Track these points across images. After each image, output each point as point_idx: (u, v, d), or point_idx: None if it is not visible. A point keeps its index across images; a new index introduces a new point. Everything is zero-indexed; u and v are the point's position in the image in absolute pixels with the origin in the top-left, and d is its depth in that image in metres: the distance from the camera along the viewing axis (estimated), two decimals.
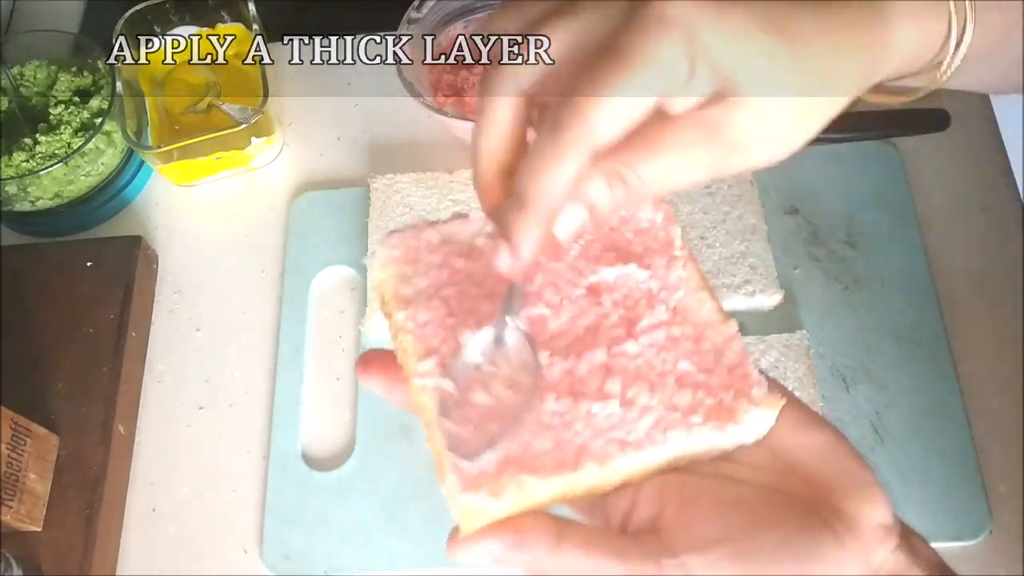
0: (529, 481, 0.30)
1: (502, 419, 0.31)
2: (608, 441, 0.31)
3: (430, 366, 0.32)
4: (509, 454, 0.30)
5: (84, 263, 0.70)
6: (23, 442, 0.59)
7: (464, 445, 0.30)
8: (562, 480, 0.30)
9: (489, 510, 0.30)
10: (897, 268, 0.65)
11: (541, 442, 0.31)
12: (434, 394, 0.31)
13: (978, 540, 0.57)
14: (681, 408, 0.31)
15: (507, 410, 0.31)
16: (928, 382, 0.61)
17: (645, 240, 0.36)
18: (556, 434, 0.31)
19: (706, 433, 0.31)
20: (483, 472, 0.30)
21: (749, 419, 0.31)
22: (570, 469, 0.30)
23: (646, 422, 0.31)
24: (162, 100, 0.78)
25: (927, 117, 0.71)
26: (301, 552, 0.61)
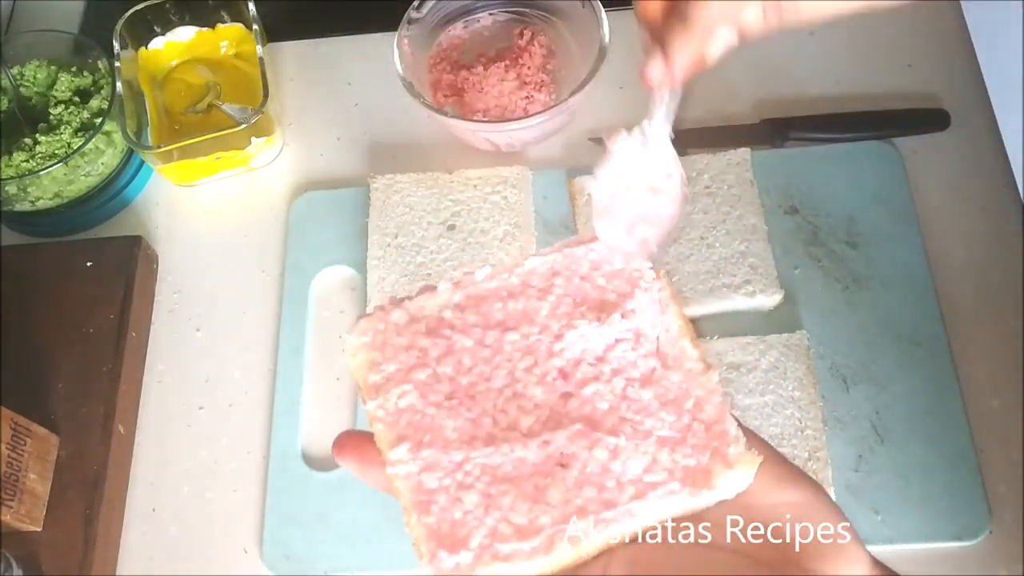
0: (503, 569, 0.30)
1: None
2: (583, 519, 0.31)
3: (402, 453, 0.32)
4: (483, 542, 0.30)
5: (84, 263, 0.70)
6: (23, 442, 0.59)
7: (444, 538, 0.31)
8: (535, 563, 0.30)
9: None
10: (897, 268, 0.65)
11: (518, 520, 0.31)
12: (406, 481, 0.32)
13: (978, 540, 0.57)
14: (659, 474, 0.31)
15: (652, 213, 0.33)
16: (928, 382, 0.61)
17: (620, 285, 0.34)
18: (532, 511, 0.31)
19: (682, 499, 0.31)
20: (459, 564, 0.30)
21: (724, 482, 0.31)
22: (543, 553, 0.30)
23: (624, 492, 0.31)
24: (162, 100, 0.78)
25: (927, 117, 0.71)
26: (301, 552, 0.61)
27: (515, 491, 0.31)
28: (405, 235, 0.69)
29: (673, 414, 0.32)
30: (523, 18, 0.77)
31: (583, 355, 0.33)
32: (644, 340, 0.33)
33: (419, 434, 0.32)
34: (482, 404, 0.33)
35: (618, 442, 0.31)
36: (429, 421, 0.32)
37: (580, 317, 0.33)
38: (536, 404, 0.32)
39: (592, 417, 0.32)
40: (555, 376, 0.33)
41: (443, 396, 0.33)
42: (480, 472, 0.32)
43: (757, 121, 0.73)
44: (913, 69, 0.74)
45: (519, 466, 0.32)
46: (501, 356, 0.33)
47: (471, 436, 0.32)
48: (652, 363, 0.33)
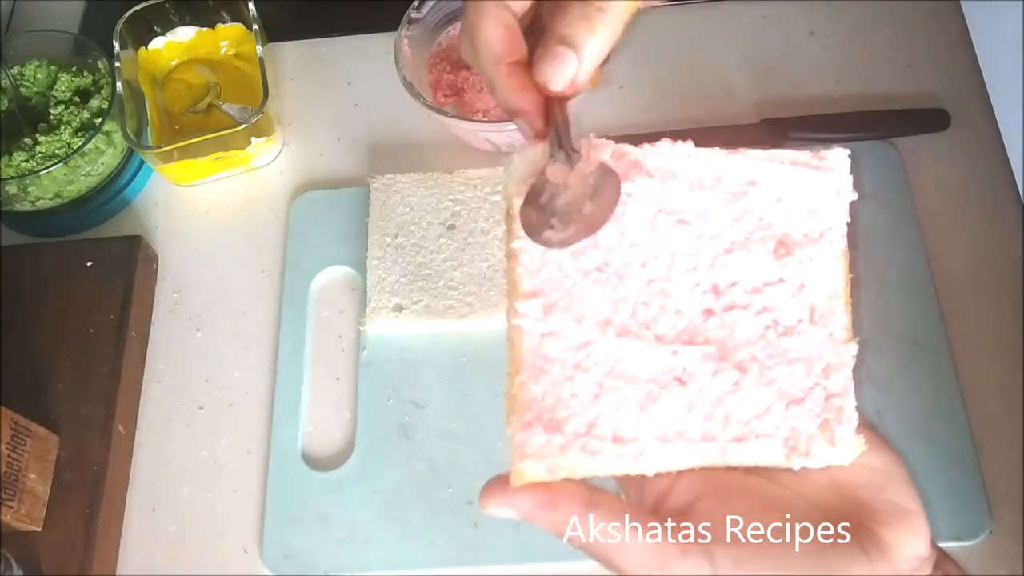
0: (587, 462, 0.30)
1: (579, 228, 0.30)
2: (679, 441, 0.30)
3: (533, 308, 0.30)
4: (578, 430, 0.30)
5: (84, 263, 0.70)
6: (23, 442, 0.59)
7: (543, 413, 0.30)
8: (619, 467, 0.30)
9: (540, 477, 0.30)
10: (897, 268, 0.65)
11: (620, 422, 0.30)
12: (528, 339, 0.30)
13: (978, 540, 0.57)
14: (767, 424, 0.31)
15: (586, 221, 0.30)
16: (928, 382, 0.61)
17: (810, 227, 0.33)
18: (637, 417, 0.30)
19: (776, 457, 0.31)
20: (549, 445, 0.30)
21: (822, 456, 0.31)
22: (629, 462, 0.30)
23: (727, 429, 0.31)
24: (162, 100, 0.78)
25: (927, 117, 0.71)
26: (301, 552, 0.61)
27: (627, 391, 0.31)
28: (405, 235, 0.69)
29: (801, 372, 0.31)
30: None
31: (743, 279, 0.32)
32: (805, 291, 0.32)
33: (557, 294, 0.31)
34: (629, 288, 0.31)
35: (742, 378, 0.31)
36: (571, 285, 0.31)
37: (759, 241, 0.32)
38: (679, 310, 0.31)
39: (726, 344, 0.31)
40: (708, 289, 0.31)
41: (595, 264, 0.31)
42: (602, 359, 0.30)
43: (757, 121, 0.73)
44: (913, 69, 0.74)
45: (640, 368, 0.31)
46: (666, 245, 0.31)
47: (606, 319, 0.31)
48: (802, 315, 0.32)
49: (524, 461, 0.30)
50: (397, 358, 0.66)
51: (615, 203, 0.31)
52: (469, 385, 0.65)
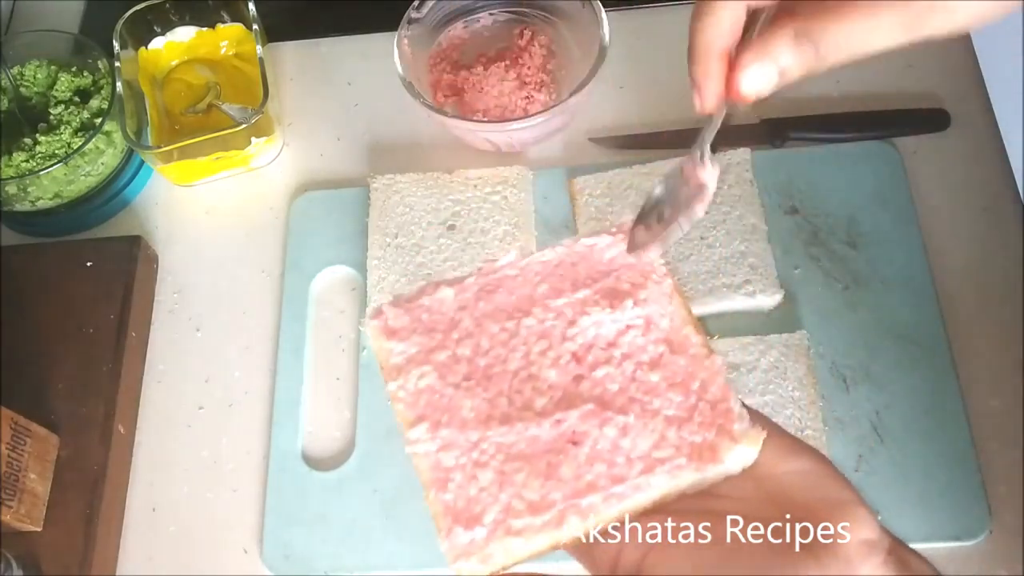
0: (516, 543, 0.32)
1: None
2: (593, 493, 0.32)
3: (421, 433, 0.34)
4: (497, 518, 0.32)
5: (84, 263, 0.70)
6: (23, 442, 0.59)
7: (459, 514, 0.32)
8: (548, 536, 0.32)
9: (480, 571, 0.32)
10: (897, 268, 0.65)
11: (530, 496, 0.32)
12: (425, 459, 0.33)
13: (978, 540, 0.57)
14: (667, 450, 0.32)
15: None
16: (928, 382, 0.61)
17: (633, 276, 0.36)
18: (544, 487, 0.32)
19: (689, 474, 0.32)
20: (474, 541, 0.32)
21: (731, 457, 0.32)
22: (554, 527, 0.32)
23: (633, 467, 0.32)
24: (162, 100, 0.78)
25: (927, 117, 0.71)
26: (301, 552, 0.61)
27: (528, 468, 0.33)
28: (405, 235, 0.69)
29: (680, 395, 0.33)
30: (523, 18, 0.77)
31: (595, 340, 0.35)
32: (653, 327, 0.35)
33: (437, 414, 0.34)
34: (498, 385, 0.34)
35: (627, 420, 0.33)
36: (447, 402, 0.34)
37: (594, 304, 0.35)
38: (550, 385, 0.34)
39: (603, 398, 0.33)
40: (568, 359, 0.34)
41: (461, 377, 0.34)
42: (495, 451, 0.33)
43: (757, 121, 0.73)
44: (913, 69, 0.74)
45: (532, 444, 0.33)
46: (517, 339, 0.35)
47: (487, 416, 0.33)
48: (660, 348, 0.34)
49: (456, 563, 0.31)
50: None
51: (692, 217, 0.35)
52: None
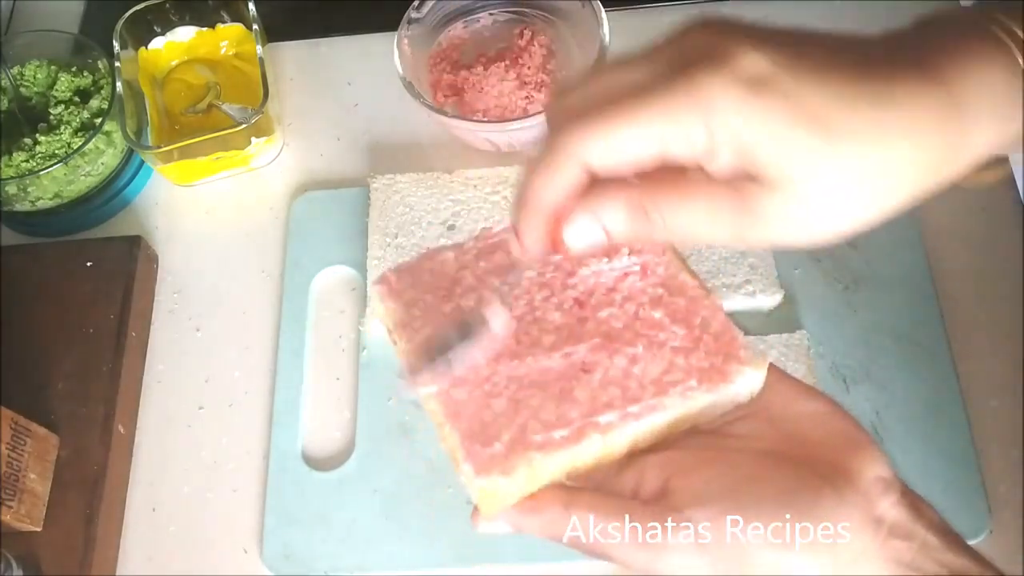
0: (537, 457, 0.32)
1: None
2: (609, 411, 0.33)
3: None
4: (515, 435, 0.33)
5: (84, 263, 0.70)
6: (23, 442, 0.59)
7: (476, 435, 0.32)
8: (568, 453, 0.33)
9: (504, 489, 0.32)
10: (897, 268, 0.65)
11: (546, 417, 0.33)
12: (436, 399, 0.34)
13: (978, 540, 0.57)
14: (677, 374, 0.34)
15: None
16: (928, 382, 0.61)
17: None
18: (560, 408, 0.33)
19: (701, 396, 0.34)
20: (493, 455, 0.32)
21: (740, 378, 0.34)
22: (574, 442, 0.32)
23: (646, 391, 0.34)
24: (162, 100, 0.78)
25: None
26: (301, 552, 0.61)
27: (542, 394, 0.34)
28: (405, 235, 0.69)
29: (683, 328, 0.35)
30: (523, 18, 0.77)
31: (595, 287, 0.36)
32: (650, 272, 0.37)
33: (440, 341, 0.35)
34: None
35: (636, 351, 0.34)
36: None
37: (590, 256, 0.36)
38: (556, 326, 0.35)
39: (609, 333, 0.35)
40: (571, 304, 0.36)
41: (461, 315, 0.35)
42: (507, 382, 0.34)
43: None
44: None
45: (544, 374, 0.34)
46: (519, 290, 0.36)
47: (496, 354, 0.34)
48: (659, 291, 0.36)
49: (477, 478, 0.32)
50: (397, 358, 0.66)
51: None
52: None
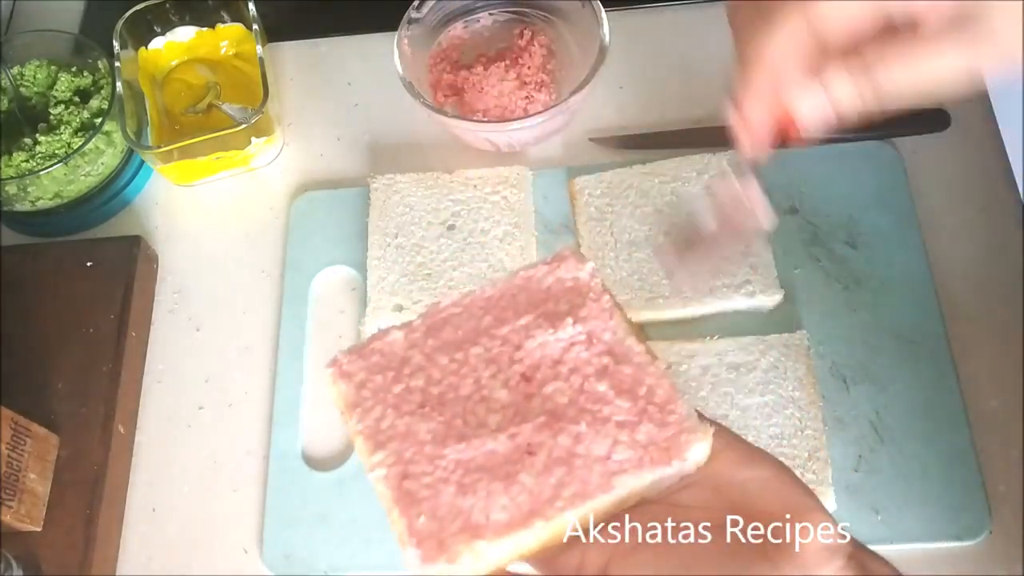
0: (481, 545, 0.32)
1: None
2: (555, 497, 0.33)
3: (380, 457, 0.35)
4: (461, 523, 0.33)
5: (84, 263, 0.70)
6: (23, 442, 0.59)
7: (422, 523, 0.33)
8: (513, 539, 0.33)
9: (449, 572, 0.32)
10: (897, 268, 0.65)
11: (492, 503, 0.33)
12: (386, 483, 0.34)
13: (978, 540, 0.57)
14: (622, 453, 0.34)
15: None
16: (928, 382, 0.61)
17: (571, 297, 0.38)
18: (506, 494, 0.33)
19: (646, 474, 0.34)
20: (440, 542, 0.33)
21: (686, 452, 0.34)
22: (519, 528, 0.33)
23: (591, 472, 0.34)
24: (162, 100, 0.78)
25: (927, 117, 0.71)
26: (301, 552, 0.61)
27: (488, 478, 0.34)
28: (405, 235, 0.69)
29: (628, 400, 0.35)
30: (523, 18, 0.77)
31: (542, 360, 0.36)
32: (596, 340, 0.36)
33: (395, 442, 0.35)
34: (452, 409, 0.36)
35: (579, 429, 0.34)
36: (404, 428, 0.35)
37: (536, 328, 0.37)
38: (502, 405, 0.36)
39: (554, 411, 0.35)
40: (518, 380, 0.36)
41: (416, 405, 0.36)
42: (454, 467, 0.34)
43: None
44: None
45: (490, 457, 0.34)
46: (467, 368, 0.36)
47: (444, 436, 0.35)
48: (605, 360, 0.36)
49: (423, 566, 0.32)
50: None
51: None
52: None
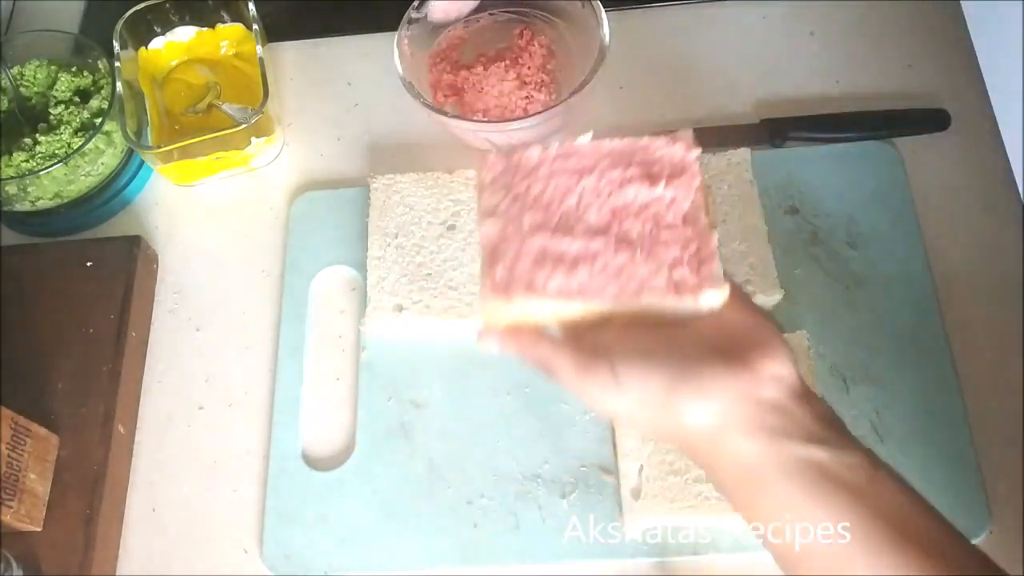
0: (533, 299, 0.43)
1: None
2: (599, 289, 0.43)
3: (490, 225, 0.45)
4: (527, 280, 0.43)
5: (84, 263, 0.70)
6: (23, 442, 0.59)
7: (498, 279, 0.44)
8: (556, 305, 0.43)
9: (502, 313, 0.44)
10: (897, 268, 0.65)
11: (552, 275, 0.43)
12: (487, 242, 0.45)
13: (978, 540, 0.57)
14: (658, 281, 0.43)
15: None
16: (928, 382, 0.61)
17: (673, 168, 0.46)
18: (565, 277, 0.43)
19: (670, 300, 0.42)
20: (505, 285, 0.43)
21: (703, 296, 0.42)
22: (565, 299, 0.43)
23: (629, 285, 0.43)
24: (162, 100, 0.78)
25: (927, 117, 0.71)
26: (301, 552, 0.61)
27: (556, 262, 0.44)
28: (405, 235, 0.69)
29: (680, 250, 0.44)
30: (523, 18, 0.77)
31: (631, 203, 0.45)
32: (675, 204, 0.45)
33: (503, 218, 0.46)
34: (552, 213, 0.45)
35: (636, 254, 0.44)
36: (514, 213, 0.45)
37: (638, 180, 0.46)
38: (589, 223, 0.45)
39: (624, 238, 0.44)
40: (608, 211, 0.45)
41: (528, 201, 0.46)
42: (536, 248, 0.44)
43: (757, 121, 0.73)
44: (913, 69, 0.74)
45: (564, 251, 0.44)
46: (575, 190, 0.46)
47: (538, 227, 0.45)
48: (676, 218, 0.45)
49: (486, 296, 0.43)
50: (397, 358, 0.66)
51: None
52: (469, 385, 0.65)
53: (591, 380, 0.43)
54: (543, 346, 0.45)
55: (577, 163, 0.47)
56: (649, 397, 0.41)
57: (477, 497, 0.61)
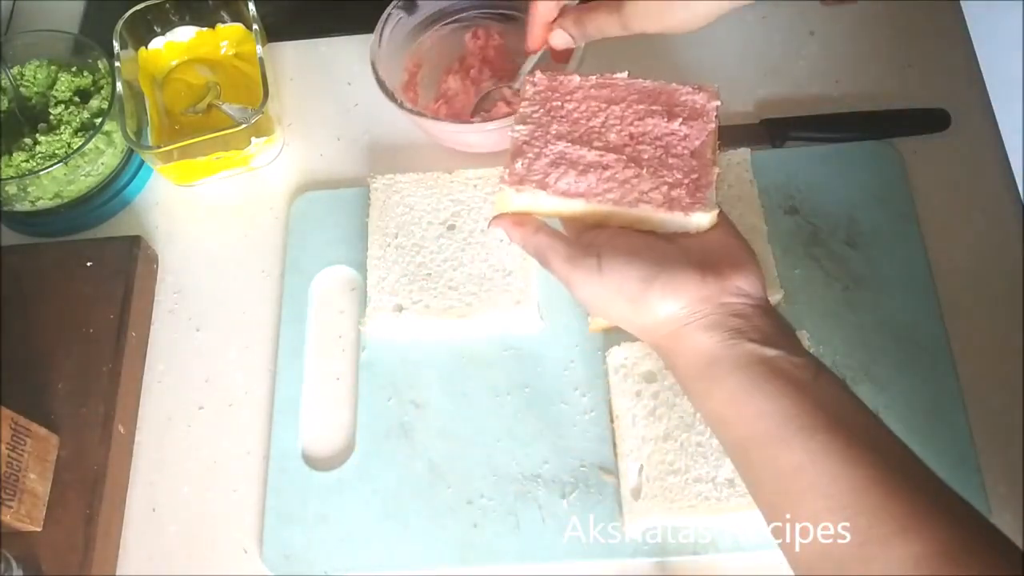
0: (541, 193, 0.49)
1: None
2: (601, 194, 0.49)
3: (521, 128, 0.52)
4: (540, 177, 0.50)
5: (84, 263, 0.70)
6: (23, 442, 0.59)
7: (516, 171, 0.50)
8: (561, 202, 0.49)
9: (514, 199, 0.50)
10: (897, 268, 0.65)
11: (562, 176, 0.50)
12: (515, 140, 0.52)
13: None
14: (656, 196, 0.49)
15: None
16: (928, 382, 0.61)
17: (692, 111, 0.53)
18: (576, 179, 0.50)
19: (662, 214, 0.48)
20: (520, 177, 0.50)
21: (694, 216, 0.48)
22: (570, 197, 0.49)
23: (630, 194, 0.49)
24: (162, 100, 0.78)
25: (927, 117, 0.71)
26: (301, 552, 0.61)
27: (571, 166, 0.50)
28: (405, 235, 0.69)
29: (682, 175, 0.50)
30: (505, 20, 0.76)
31: (649, 132, 0.52)
32: (688, 139, 0.51)
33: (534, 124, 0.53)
34: (578, 127, 0.52)
35: (642, 172, 0.50)
36: (544, 122, 0.53)
37: (659, 115, 0.52)
38: (608, 140, 0.52)
39: (635, 158, 0.50)
40: (627, 134, 0.52)
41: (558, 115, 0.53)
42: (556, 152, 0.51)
43: (757, 121, 0.73)
44: (913, 69, 0.74)
45: (579, 159, 0.51)
46: (603, 113, 0.53)
47: (562, 136, 0.52)
48: (685, 150, 0.51)
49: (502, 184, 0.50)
50: (397, 358, 0.66)
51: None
52: (469, 385, 0.65)
53: (578, 269, 0.48)
54: (542, 236, 0.50)
55: (610, 93, 0.54)
56: (626, 288, 0.46)
57: (477, 497, 0.61)
